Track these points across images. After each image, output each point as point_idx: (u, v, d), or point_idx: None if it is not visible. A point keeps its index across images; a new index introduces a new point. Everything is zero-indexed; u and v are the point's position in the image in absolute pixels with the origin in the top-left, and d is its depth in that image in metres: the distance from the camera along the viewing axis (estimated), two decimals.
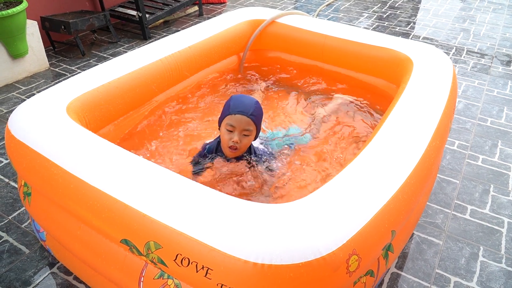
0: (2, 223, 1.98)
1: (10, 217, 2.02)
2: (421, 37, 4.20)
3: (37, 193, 1.55)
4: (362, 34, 2.37)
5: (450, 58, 3.75)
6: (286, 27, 2.54)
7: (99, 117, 1.82)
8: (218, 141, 1.79)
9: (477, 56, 3.80)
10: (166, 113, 2.18)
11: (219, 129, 1.73)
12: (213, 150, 1.80)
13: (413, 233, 1.94)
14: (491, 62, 3.69)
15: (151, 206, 1.19)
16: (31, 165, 1.44)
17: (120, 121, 1.97)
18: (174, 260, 1.12)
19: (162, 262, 1.15)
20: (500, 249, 1.88)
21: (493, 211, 2.09)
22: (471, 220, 2.04)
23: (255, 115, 1.66)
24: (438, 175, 2.30)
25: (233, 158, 1.76)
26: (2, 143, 2.52)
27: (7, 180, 2.24)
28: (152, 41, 3.95)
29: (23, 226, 1.98)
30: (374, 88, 2.38)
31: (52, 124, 1.53)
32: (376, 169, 1.34)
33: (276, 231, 1.08)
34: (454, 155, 2.48)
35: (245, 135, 1.66)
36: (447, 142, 2.58)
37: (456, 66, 3.61)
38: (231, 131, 1.66)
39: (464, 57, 3.79)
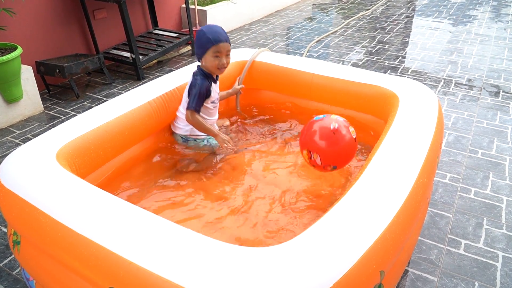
0: None
1: (1, 264, 2.00)
2: (409, 71, 4.29)
3: (26, 241, 1.54)
4: (348, 72, 2.43)
5: (439, 90, 3.82)
6: (275, 67, 2.60)
7: (89, 162, 1.83)
8: (205, 76, 2.16)
9: (465, 88, 3.87)
10: (155, 155, 2.20)
11: (199, 59, 2.16)
12: (206, 80, 2.15)
13: (407, 270, 1.92)
14: (480, 94, 3.76)
15: (137, 253, 1.18)
16: (20, 214, 1.44)
17: (110, 165, 1.98)
18: None
19: None
20: (495, 284, 1.85)
21: (487, 245, 2.08)
22: (466, 255, 2.02)
23: (228, 38, 2.13)
24: (430, 209, 2.30)
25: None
26: None
27: None
28: (146, 81, 4.03)
29: (14, 273, 1.95)
30: (363, 124, 2.41)
31: (41, 172, 1.54)
32: (362, 209, 1.34)
33: (261, 276, 1.08)
34: (446, 188, 2.48)
35: (228, 55, 2.14)
36: (439, 175, 2.59)
37: (445, 98, 3.67)
38: (218, 57, 2.09)
39: (452, 89, 3.85)
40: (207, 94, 2.15)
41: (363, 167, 1.59)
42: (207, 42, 2.06)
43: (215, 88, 2.23)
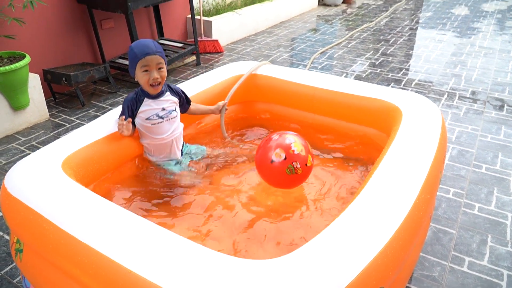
0: None
1: (2, 272, 2.00)
2: (413, 83, 4.29)
3: (28, 250, 1.55)
4: (351, 85, 2.43)
5: (443, 103, 3.82)
6: (276, 80, 2.61)
7: (92, 171, 1.85)
8: (137, 91, 2.06)
9: (469, 101, 3.87)
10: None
11: (134, 78, 2.01)
12: (137, 98, 2.04)
13: (408, 287, 1.90)
14: (484, 107, 3.75)
15: (137, 262, 1.19)
16: (24, 221, 1.45)
17: (113, 175, 1.99)
18: None
19: None
20: None
21: (492, 263, 2.05)
22: (469, 272, 2.00)
23: (160, 51, 1.96)
24: (434, 225, 2.28)
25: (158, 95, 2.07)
26: None
27: (1, 233, 2.23)
28: None
29: (15, 281, 1.96)
30: (366, 137, 2.41)
31: (46, 179, 1.56)
32: (363, 224, 1.34)
33: None
34: (449, 204, 2.47)
35: (160, 68, 1.97)
36: (442, 190, 2.58)
37: (448, 111, 3.66)
38: (147, 71, 1.95)
39: (456, 102, 3.85)
40: (133, 108, 2.02)
41: (364, 181, 1.59)
42: (134, 58, 1.93)
43: (153, 105, 2.04)
